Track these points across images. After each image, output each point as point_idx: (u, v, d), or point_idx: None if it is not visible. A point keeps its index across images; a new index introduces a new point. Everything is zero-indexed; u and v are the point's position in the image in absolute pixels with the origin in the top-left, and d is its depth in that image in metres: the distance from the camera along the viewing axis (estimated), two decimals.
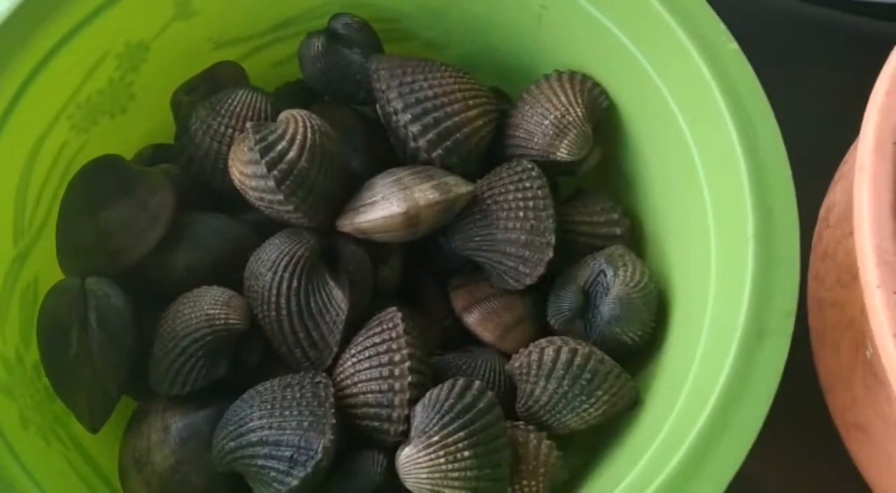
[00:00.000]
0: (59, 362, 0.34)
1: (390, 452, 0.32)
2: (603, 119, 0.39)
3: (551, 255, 0.36)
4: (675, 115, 0.35)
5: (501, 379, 0.35)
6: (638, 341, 0.36)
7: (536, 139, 0.38)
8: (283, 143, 0.34)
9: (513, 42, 0.42)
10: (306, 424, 0.32)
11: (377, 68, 0.38)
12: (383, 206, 0.35)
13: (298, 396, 0.33)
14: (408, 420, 0.32)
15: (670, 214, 0.38)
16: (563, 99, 0.38)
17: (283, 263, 0.35)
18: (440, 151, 0.37)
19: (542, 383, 0.34)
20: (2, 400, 0.33)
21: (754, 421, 0.29)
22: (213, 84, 0.41)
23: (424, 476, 0.31)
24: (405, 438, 0.32)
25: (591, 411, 0.34)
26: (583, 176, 0.40)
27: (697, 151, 0.34)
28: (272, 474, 0.31)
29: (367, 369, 0.33)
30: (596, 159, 0.39)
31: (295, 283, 0.35)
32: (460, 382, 0.32)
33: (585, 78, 0.39)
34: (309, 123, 0.35)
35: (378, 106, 0.39)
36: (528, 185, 0.37)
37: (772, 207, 0.31)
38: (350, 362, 0.34)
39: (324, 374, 0.34)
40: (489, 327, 0.37)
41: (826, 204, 0.40)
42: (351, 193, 0.37)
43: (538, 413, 0.34)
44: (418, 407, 0.32)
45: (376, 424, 0.33)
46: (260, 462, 0.32)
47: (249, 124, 0.34)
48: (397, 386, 0.33)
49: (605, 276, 0.36)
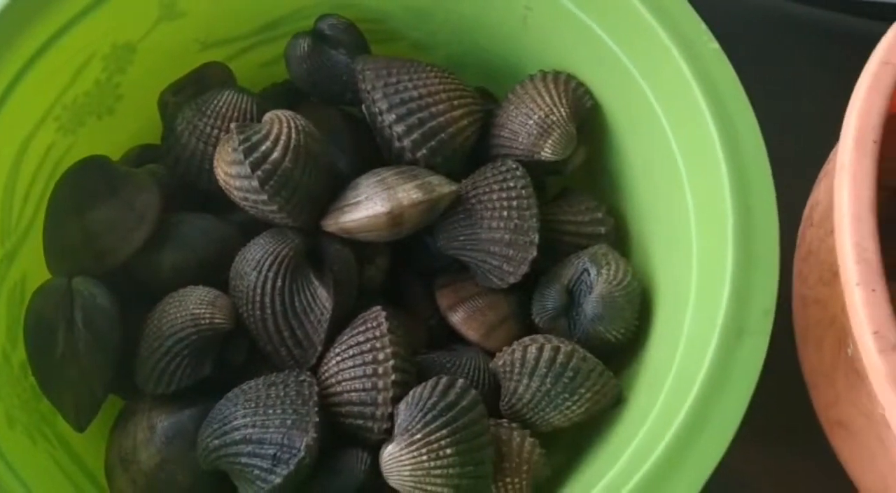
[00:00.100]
0: (45, 362, 0.34)
1: (374, 450, 0.33)
2: (587, 119, 0.39)
3: (535, 254, 0.36)
4: (658, 114, 0.35)
5: (486, 377, 0.35)
6: (621, 340, 0.36)
7: (521, 139, 0.38)
8: (268, 143, 0.34)
9: (498, 43, 0.42)
10: (289, 422, 0.32)
11: (363, 69, 0.39)
12: (367, 206, 0.35)
13: (282, 394, 0.33)
14: (391, 418, 0.33)
15: (654, 213, 0.38)
16: (548, 99, 0.38)
17: (268, 262, 0.35)
18: (425, 151, 0.37)
19: (525, 381, 0.34)
20: None
21: (733, 419, 0.29)
22: (200, 85, 0.41)
23: (407, 474, 0.31)
24: (389, 436, 0.32)
25: (573, 408, 0.34)
26: (568, 175, 0.40)
27: (679, 151, 0.35)
28: (255, 472, 0.31)
29: (350, 367, 0.33)
30: (581, 159, 0.40)
31: (279, 282, 0.35)
32: (443, 380, 0.32)
33: (570, 78, 0.39)
34: (293, 124, 0.35)
35: (364, 106, 0.39)
36: (512, 184, 0.37)
37: (752, 207, 0.32)
38: (334, 361, 0.34)
39: (308, 373, 0.34)
40: (474, 326, 0.37)
41: (810, 203, 0.40)
42: (336, 193, 0.37)
43: (521, 411, 0.34)
44: (402, 405, 0.32)
45: (360, 422, 0.33)
46: (243, 460, 0.32)
47: (233, 125, 0.34)
48: (381, 384, 0.33)
49: (589, 274, 0.36)
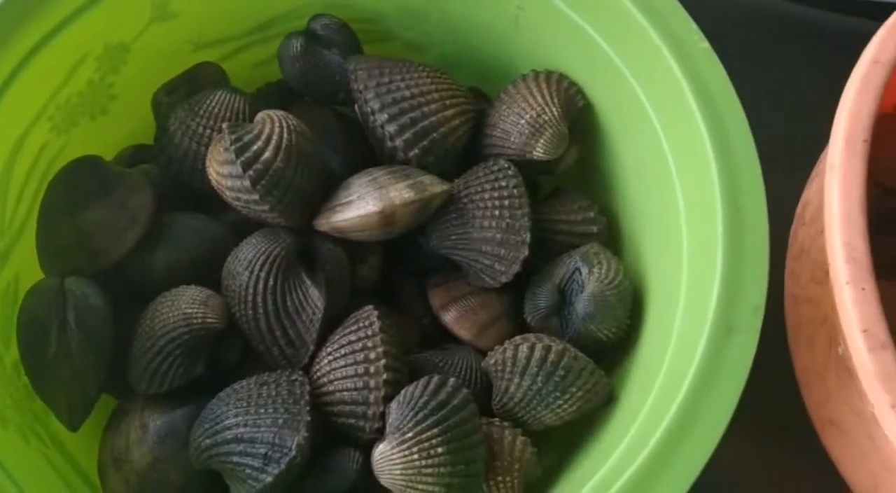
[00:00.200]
0: (38, 362, 0.35)
1: (366, 449, 0.33)
2: (579, 118, 0.39)
3: (526, 253, 0.36)
4: (649, 114, 0.35)
5: (478, 376, 0.36)
6: (613, 338, 0.36)
7: (513, 139, 0.38)
8: (259, 143, 0.34)
9: (491, 43, 0.42)
10: (281, 421, 0.32)
11: (355, 69, 0.39)
12: (359, 205, 0.35)
13: (274, 393, 0.33)
14: (383, 418, 0.33)
15: (646, 212, 0.38)
16: (540, 98, 0.38)
17: (260, 262, 0.35)
18: (417, 151, 0.37)
19: (516, 379, 0.34)
20: None
21: (722, 416, 0.29)
22: (194, 85, 0.41)
23: (398, 473, 0.31)
24: (381, 435, 0.32)
25: (565, 407, 0.34)
26: (560, 175, 0.41)
27: (670, 150, 0.35)
28: (247, 471, 0.31)
29: (342, 366, 0.34)
30: (573, 158, 0.40)
31: (271, 282, 0.35)
32: (435, 379, 0.32)
33: (562, 78, 0.39)
34: (285, 124, 0.35)
35: (356, 106, 0.39)
36: (504, 184, 0.37)
37: (741, 206, 0.32)
38: (326, 360, 0.34)
39: (300, 372, 0.34)
40: (466, 325, 0.37)
41: (802, 202, 0.40)
42: (329, 192, 0.37)
43: (513, 410, 0.34)
44: (393, 404, 0.32)
45: (352, 421, 0.33)
46: (235, 459, 0.32)
47: (225, 125, 0.34)
48: (372, 384, 0.33)
49: (581, 274, 0.36)
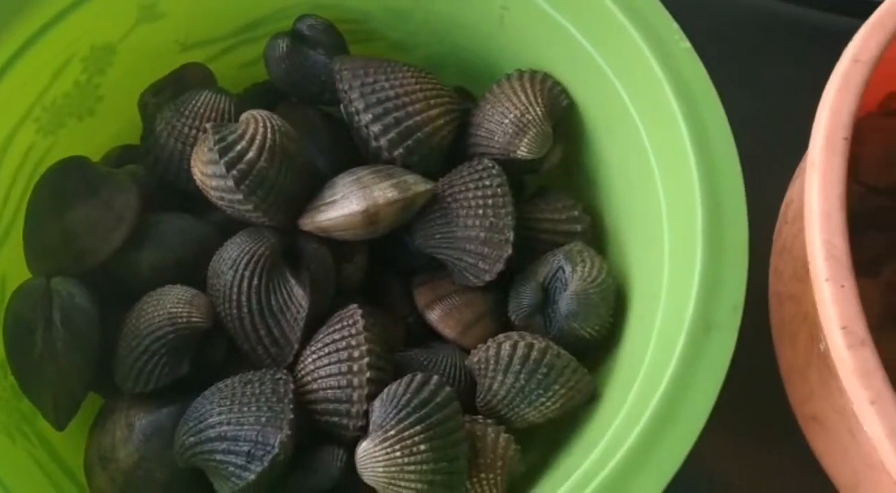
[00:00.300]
0: (24, 361, 0.35)
1: (350, 447, 0.33)
2: (563, 118, 0.39)
3: (510, 251, 0.36)
4: (632, 113, 0.36)
5: (462, 374, 0.36)
6: (596, 336, 0.36)
7: (497, 138, 0.38)
8: (243, 143, 0.34)
9: (477, 43, 0.42)
10: (264, 419, 0.32)
11: (340, 69, 0.39)
12: (343, 204, 0.35)
13: (258, 392, 0.33)
14: (366, 415, 0.33)
15: (630, 210, 0.38)
16: (523, 98, 0.38)
17: (244, 261, 0.35)
18: (401, 151, 0.37)
19: (499, 377, 0.34)
20: None
21: (701, 412, 0.29)
22: (180, 86, 0.41)
23: (381, 470, 0.31)
24: (364, 433, 0.32)
25: (548, 404, 0.34)
26: (545, 174, 0.41)
27: (652, 148, 0.35)
28: (230, 468, 0.32)
29: (326, 365, 0.34)
30: (557, 157, 0.40)
31: (256, 281, 0.35)
32: (418, 377, 0.33)
33: (546, 77, 0.40)
34: (269, 124, 0.35)
35: (342, 106, 0.39)
36: (487, 183, 0.37)
37: (721, 204, 0.32)
38: (310, 359, 0.34)
39: (285, 371, 0.34)
40: (450, 324, 0.37)
41: (786, 200, 0.41)
42: (314, 192, 0.37)
43: (497, 407, 0.35)
44: (376, 402, 0.32)
45: (335, 419, 0.33)
46: (218, 457, 0.32)
47: (209, 125, 0.35)
48: (356, 382, 0.33)
49: (564, 272, 0.36)
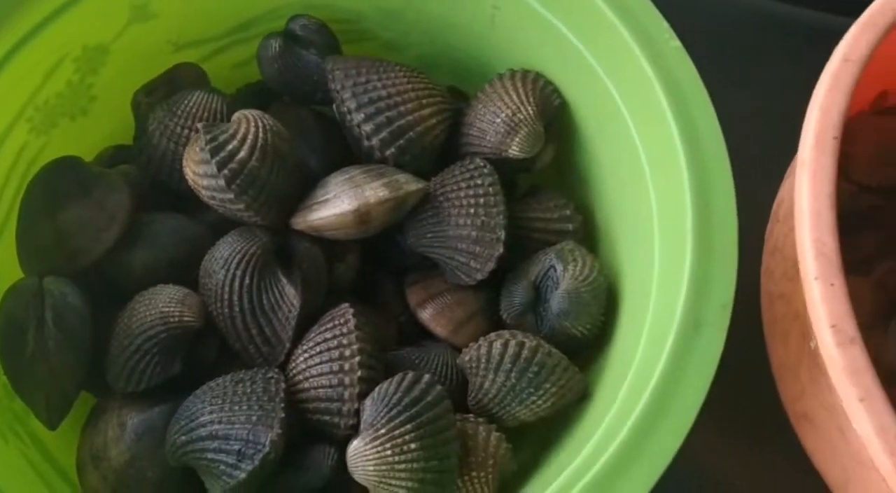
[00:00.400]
0: (16, 361, 0.35)
1: (342, 445, 0.33)
2: (555, 117, 0.40)
3: (501, 250, 0.36)
4: (622, 112, 0.36)
5: (453, 373, 0.36)
6: (587, 335, 0.36)
7: (489, 137, 0.38)
8: (234, 142, 0.34)
9: (468, 42, 0.42)
10: (255, 418, 0.32)
11: (332, 69, 0.39)
12: (335, 204, 0.36)
13: (249, 391, 0.33)
14: (358, 414, 0.33)
15: (621, 209, 0.38)
16: (515, 97, 0.38)
17: (236, 260, 0.35)
18: (393, 150, 0.38)
19: (490, 376, 0.34)
20: None
21: (691, 408, 0.29)
22: (173, 86, 0.41)
23: (371, 469, 0.31)
24: (355, 431, 0.32)
25: (539, 403, 0.34)
26: (538, 173, 0.41)
27: (642, 147, 0.35)
28: (221, 467, 0.32)
29: (317, 364, 0.34)
30: (549, 157, 0.40)
31: (247, 280, 0.35)
32: (409, 376, 0.33)
33: (538, 76, 0.40)
34: (261, 123, 0.35)
35: (334, 106, 0.39)
36: (479, 182, 0.37)
37: (710, 202, 0.32)
38: (302, 358, 0.34)
39: (276, 370, 0.34)
40: (442, 323, 0.37)
41: (777, 200, 0.41)
42: (306, 191, 0.37)
43: (488, 406, 0.35)
44: (368, 401, 0.32)
45: (327, 418, 0.33)
46: (210, 456, 0.32)
47: (200, 125, 0.35)
48: (347, 380, 0.33)
49: (556, 271, 0.36)
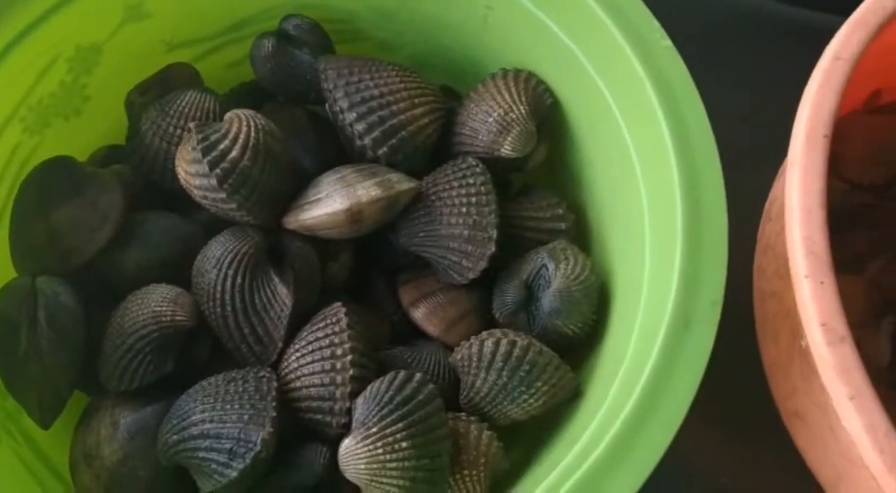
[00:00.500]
0: (8, 360, 0.35)
1: (334, 444, 0.33)
2: (548, 116, 0.40)
3: (493, 249, 0.36)
4: (614, 111, 0.36)
5: (446, 372, 0.36)
6: (579, 333, 0.36)
7: (481, 136, 0.39)
8: (226, 142, 0.35)
9: (462, 42, 0.42)
10: (246, 417, 0.32)
11: (325, 68, 0.39)
12: (327, 203, 0.36)
13: (241, 390, 0.33)
14: (350, 413, 0.33)
15: (613, 208, 0.38)
16: (507, 97, 0.38)
17: (228, 260, 0.35)
18: (385, 149, 0.38)
19: (482, 374, 0.34)
20: None
21: (681, 404, 0.29)
22: (167, 85, 0.41)
23: (363, 467, 0.31)
24: (347, 430, 0.33)
25: (531, 401, 0.34)
26: (531, 172, 0.41)
27: (633, 146, 0.35)
28: (213, 466, 0.32)
29: (310, 363, 0.34)
30: (542, 156, 0.40)
31: (239, 279, 0.35)
32: (401, 374, 0.33)
33: (530, 76, 0.40)
34: (253, 123, 0.35)
35: (327, 105, 0.39)
36: (471, 181, 0.37)
37: (700, 200, 0.32)
38: (294, 357, 0.34)
39: (268, 369, 0.35)
40: (434, 322, 0.37)
41: (769, 198, 0.41)
42: (299, 191, 0.37)
43: (480, 405, 0.35)
44: (359, 400, 0.32)
45: (319, 417, 0.34)
46: (201, 455, 0.32)
47: (192, 124, 0.35)
48: (339, 379, 0.33)
49: (547, 269, 0.37)
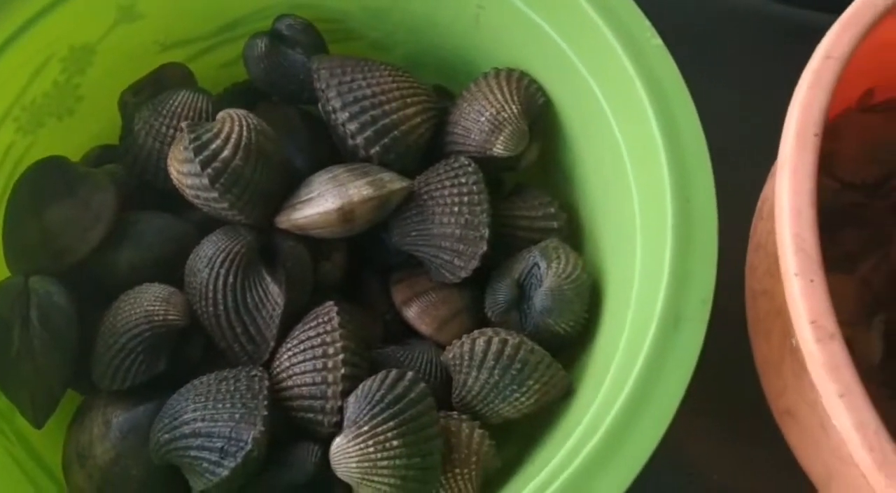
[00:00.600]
0: (1, 360, 0.35)
1: (325, 443, 0.33)
2: (540, 115, 0.40)
3: (485, 248, 0.37)
4: (605, 110, 0.36)
5: (438, 370, 0.36)
6: (570, 332, 0.36)
7: (473, 136, 0.39)
8: (218, 141, 0.35)
9: (454, 41, 0.42)
10: (238, 416, 0.32)
11: (318, 68, 0.39)
12: (319, 202, 0.36)
13: (233, 389, 0.33)
14: (341, 412, 0.33)
15: (605, 207, 0.38)
16: (500, 96, 0.38)
17: (220, 259, 0.35)
18: (377, 149, 0.38)
19: (474, 373, 0.34)
20: None
21: (671, 401, 0.29)
22: (160, 86, 0.41)
23: (354, 465, 0.31)
24: (339, 429, 0.33)
25: (522, 400, 0.34)
26: (523, 171, 0.41)
27: (624, 145, 0.35)
28: (204, 465, 0.32)
29: (301, 362, 0.34)
30: (534, 155, 0.40)
31: (231, 279, 0.35)
32: (393, 373, 0.33)
33: (522, 75, 0.40)
34: (245, 122, 0.35)
35: (319, 105, 0.39)
36: (463, 181, 0.37)
37: (690, 199, 0.32)
38: (286, 356, 0.35)
39: (260, 368, 0.35)
40: (426, 321, 0.37)
41: (761, 197, 0.41)
42: (291, 190, 0.38)
43: (472, 403, 0.35)
44: (351, 399, 0.33)
45: (311, 416, 0.34)
46: (193, 454, 0.32)
47: (184, 124, 0.35)
48: (331, 378, 0.33)
49: (539, 268, 0.37)
